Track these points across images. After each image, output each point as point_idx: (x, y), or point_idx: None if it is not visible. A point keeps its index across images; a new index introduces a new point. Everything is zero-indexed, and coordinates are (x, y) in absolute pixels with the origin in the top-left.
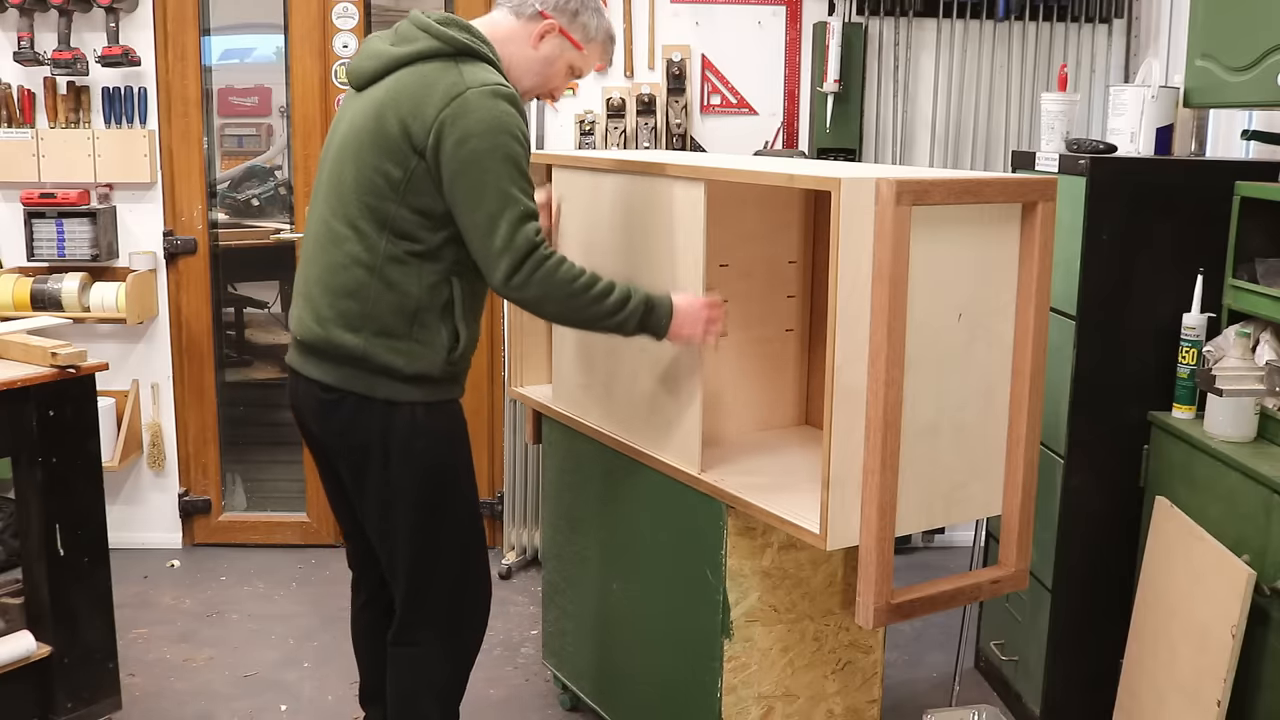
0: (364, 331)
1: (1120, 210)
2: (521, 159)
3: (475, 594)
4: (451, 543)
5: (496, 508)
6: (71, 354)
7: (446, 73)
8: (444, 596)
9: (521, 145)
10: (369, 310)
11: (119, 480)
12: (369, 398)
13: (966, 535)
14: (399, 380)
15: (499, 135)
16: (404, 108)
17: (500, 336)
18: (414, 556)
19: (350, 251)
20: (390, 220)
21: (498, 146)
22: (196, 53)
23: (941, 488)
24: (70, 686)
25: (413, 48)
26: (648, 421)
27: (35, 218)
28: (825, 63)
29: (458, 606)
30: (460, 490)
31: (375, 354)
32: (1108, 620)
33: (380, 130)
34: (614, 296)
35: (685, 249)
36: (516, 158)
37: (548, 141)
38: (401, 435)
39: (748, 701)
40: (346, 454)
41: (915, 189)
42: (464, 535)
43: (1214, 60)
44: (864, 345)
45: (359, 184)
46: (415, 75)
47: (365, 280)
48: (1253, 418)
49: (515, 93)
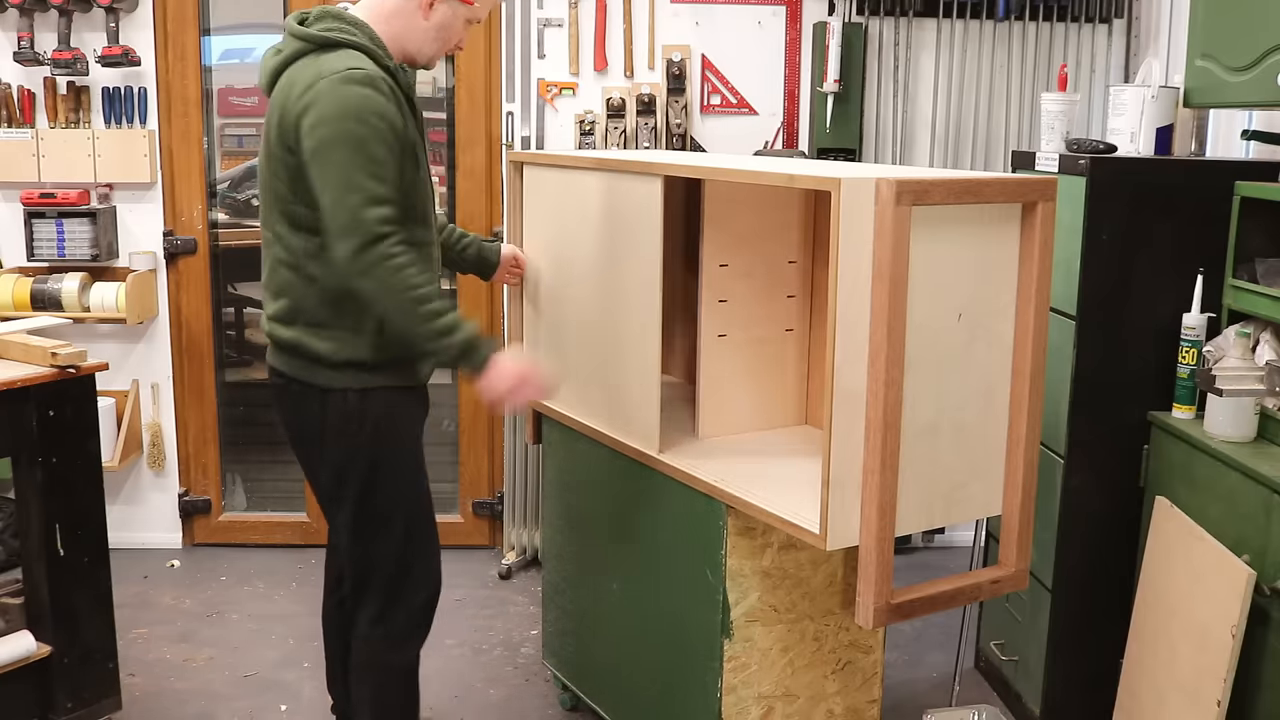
0: (297, 324)
1: (1120, 210)
2: (369, 141)
3: (418, 583)
4: (392, 531)
5: (496, 508)
6: (71, 354)
7: (307, 68)
8: (384, 583)
9: (371, 128)
10: (298, 305)
11: (119, 480)
12: (310, 384)
13: (966, 535)
14: (329, 367)
15: (344, 121)
16: (278, 112)
17: (500, 336)
18: (353, 543)
19: (275, 254)
20: (297, 219)
21: (343, 132)
22: (196, 53)
23: (941, 488)
24: (70, 686)
25: (285, 54)
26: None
27: (35, 218)
28: (825, 63)
29: (397, 595)
30: (399, 477)
31: (307, 344)
32: (1108, 620)
33: (270, 137)
34: (441, 322)
35: (644, 244)
36: (362, 141)
37: (548, 141)
38: (334, 421)
39: (748, 701)
40: (297, 441)
41: (915, 189)
42: (406, 523)
43: (1214, 60)
44: (864, 345)
45: (271, 190)
46: (287, 78)
47: (291, 279)
48: (1253, 418)
49: (374, 75)
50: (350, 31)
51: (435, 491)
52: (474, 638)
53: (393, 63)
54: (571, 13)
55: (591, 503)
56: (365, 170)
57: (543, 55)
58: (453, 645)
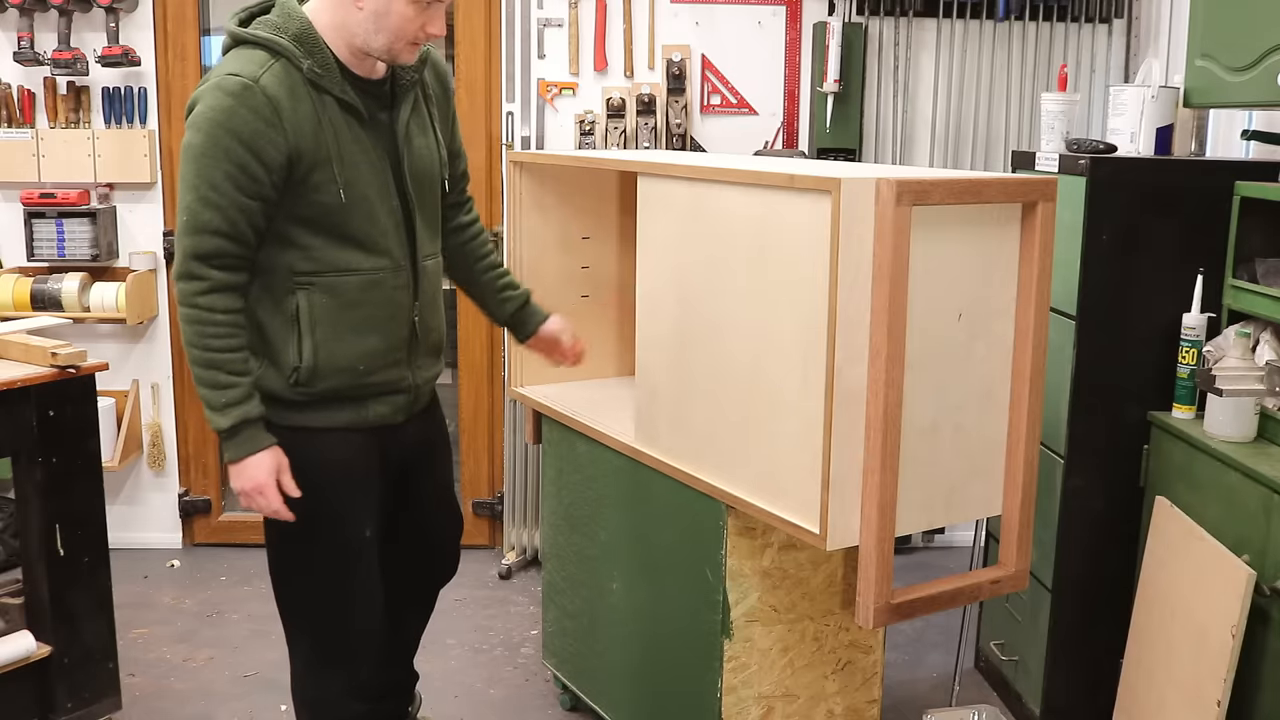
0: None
1: (1120, 210)
2: (205, 158)
3: (340, 628)
4: (304, 572)
5: (496, 508)
6: (71, 354)
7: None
8: (299, 622)
9: (216, 145)
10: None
11: (119, 480)
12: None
13: (966, 535)
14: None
15: (195, 133)
16: None
17: (500, 336)
18: (274, 580)
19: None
20: None
21: (190, 144)
22: (196, 53)
23: (941, 488)
24: (70, 686)
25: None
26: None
27: (35, 218)
28: (825, 63)
29: (306, 638)
30: (315, 519)
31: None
32: (1108, 620)
33: None
34: (220, 381)
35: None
36: (202, 157)
37: (548, 142)
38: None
39: (748, 701)
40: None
41: (915, 189)
42: (320, 565)
43: (1214, 60)
44: (864, 345)
45: None
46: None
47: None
48: (1253, 418)
49: (251, 84)
50: (273, 25)
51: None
52: (474, 638)
53: (310, 63)
54: (571, 13)
55: (591, 502)
56: (196, 192)
57: (543, 55)
58: (453, 645)
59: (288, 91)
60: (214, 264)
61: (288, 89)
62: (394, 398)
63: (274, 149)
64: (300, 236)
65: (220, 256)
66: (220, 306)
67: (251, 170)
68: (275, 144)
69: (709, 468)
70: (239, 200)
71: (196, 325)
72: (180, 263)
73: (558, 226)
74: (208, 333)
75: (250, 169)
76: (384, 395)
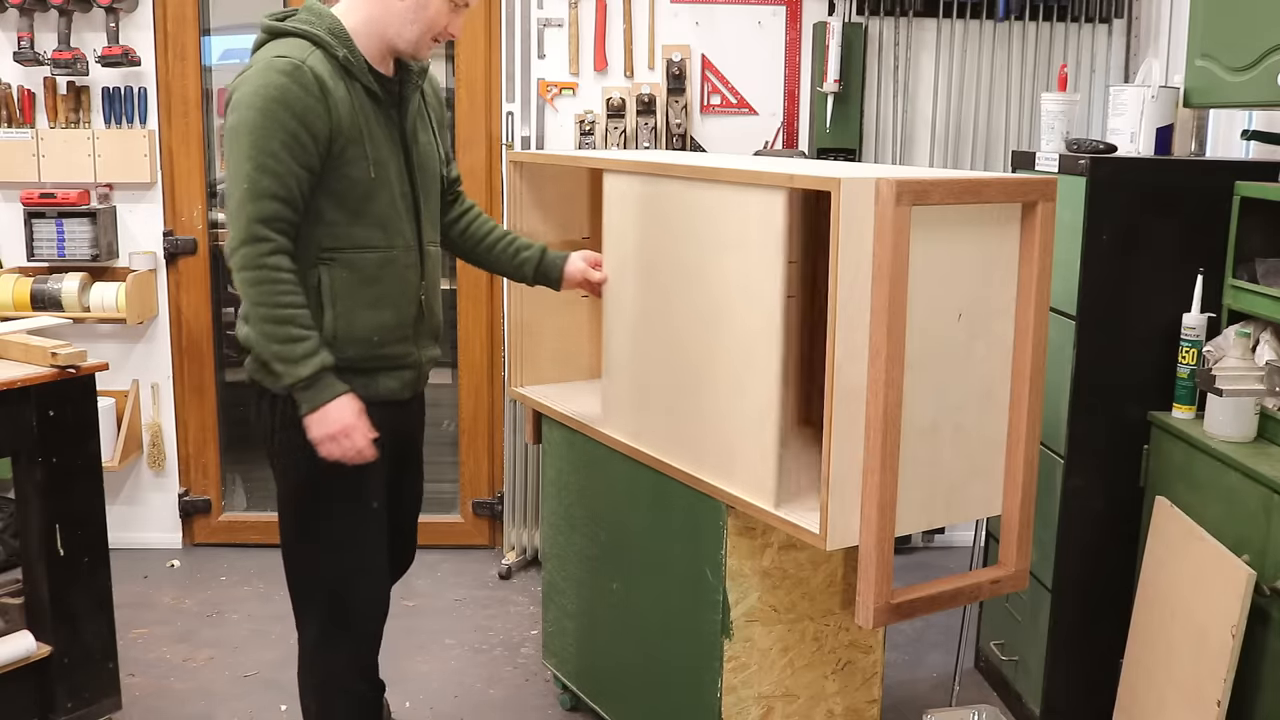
0: (250, 322)
1: (1120, 210)
2: (267, 133)
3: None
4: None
5: (496, 508)
6: (71, 354)
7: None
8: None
9: (274, 119)
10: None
11: (119, 480)
12: (263, 387)
13: (966, 535)
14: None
15: (248, 110)
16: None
17: (500, 336)
18: (286, 548)
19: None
20: None
21: (245, 120)
22: (196, 53)
23: (941, 488)
24: (70, 686)
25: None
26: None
27: (35, 218)
28: (825, 63)
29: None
30: (333, 487)
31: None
32: (1108, 620)
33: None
34: (293, 347)
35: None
36: (257, 129)
37: (548, 142)
38: (272, 427)
39: (748, 701)
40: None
41: (915, 189)
42: (337, 534)
43: (1214, 60)
44: (864, 345)
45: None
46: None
47: None
48: (1253, 418)
49: (301, 65)
50: (306, 20)
51: (435, 491)
52: (474, 638)
53: (345, 53)
54: (571, 13)
55: (591, 503)
56: (254, 161)
57: (543, 55)
58: (453, 645)
59: (329, 73)
60: (274, 227)
61: (328, 71)
62: (401, 373)
63: (320, 123)
64: (328, 211)
65: (279, 220)
66: (285, 266)
67: (303, 140)
68: (321, 118)
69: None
70: (293, 168)
71: (266, 285)
72: (243, 229)
73: (558, 226)
74: (279, 290)
75: (301, 139)
76: (393, 370)
